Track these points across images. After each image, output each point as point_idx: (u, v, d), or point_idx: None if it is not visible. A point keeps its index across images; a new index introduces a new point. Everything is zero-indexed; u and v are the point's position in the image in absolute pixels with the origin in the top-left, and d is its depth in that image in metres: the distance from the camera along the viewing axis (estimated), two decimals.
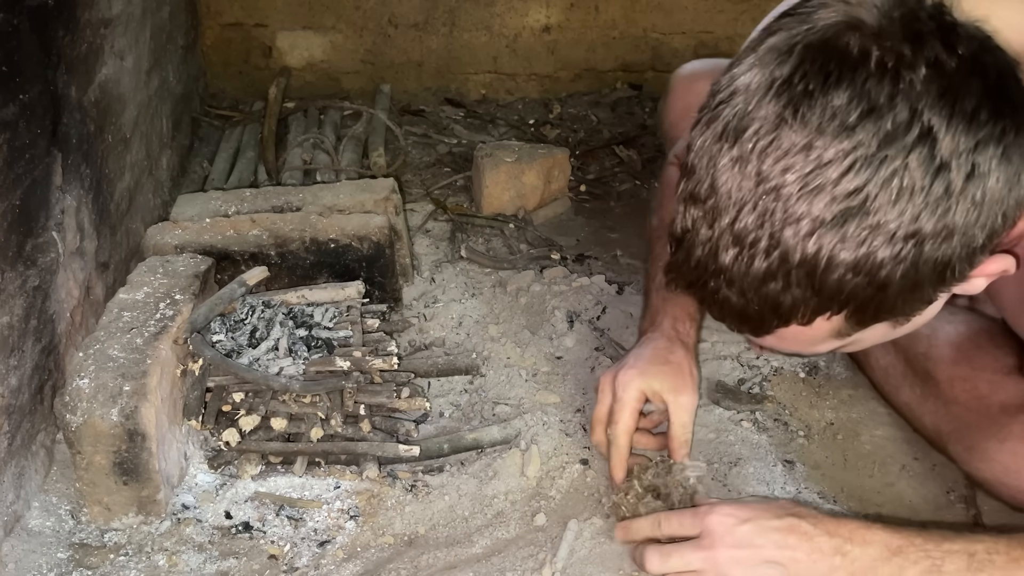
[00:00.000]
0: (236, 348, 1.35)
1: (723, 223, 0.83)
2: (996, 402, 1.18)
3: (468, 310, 1.66)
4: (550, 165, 2.04)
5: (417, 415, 1.39)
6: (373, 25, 2.61)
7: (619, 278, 1.75)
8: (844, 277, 0.81)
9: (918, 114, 0.78)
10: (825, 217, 0.79)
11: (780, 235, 0.81)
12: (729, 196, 0.83)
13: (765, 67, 0.83)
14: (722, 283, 0.86)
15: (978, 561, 0.95)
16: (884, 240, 0.80)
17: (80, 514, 1.21)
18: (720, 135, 0.84)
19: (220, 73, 2.62)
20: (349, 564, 1.15)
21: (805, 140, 0.79)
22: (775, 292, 0.84)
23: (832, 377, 1.47)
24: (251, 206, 1.65)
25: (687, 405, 1.21)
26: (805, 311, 0.85)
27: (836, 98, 0.79)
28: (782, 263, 0.82)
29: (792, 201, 0.80)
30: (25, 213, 1.20)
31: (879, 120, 0.78)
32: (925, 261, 0.81)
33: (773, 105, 0.81)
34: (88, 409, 1.14)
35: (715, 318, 0.93)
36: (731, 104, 0.84)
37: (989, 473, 1.16)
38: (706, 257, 0.86)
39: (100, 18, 1.53)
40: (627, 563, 1.11)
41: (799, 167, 0.79)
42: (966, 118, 0.79)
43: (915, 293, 0.85)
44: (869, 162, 0.78)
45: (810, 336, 0.90)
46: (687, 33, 2.64)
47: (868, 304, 0.84)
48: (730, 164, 0.83)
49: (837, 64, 0.80)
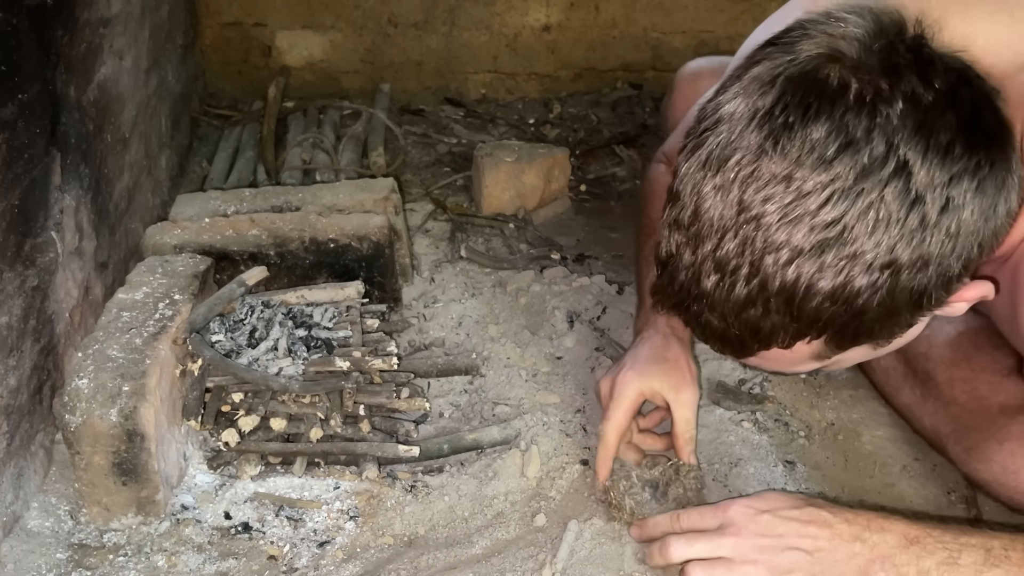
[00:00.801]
0: (235, 348, 1.35)
1: (705, 249, 0.86)
2: (995, 403, 1.18)
3: (468, 310, 1.66)
4: (550, 165, 2.04)
5: (417, 415, 1.39)
6: (373, 24, 2.60)
7: (619, 278, 1.75)
8: (822, 305, 0.84)
9: (894, 148, 0.80)
10: (804, 246, 0.82)
11: (760, 263, 0.83)
12: (711, 223, 0.85)
13: (748, 96, 0.85)
14: (704, 307, 0.89)
15: (995, 556, 0.95)
16: (861, 269, 0.82)
17: (79, 514, 1.21)
18: (704, 163, 0.86)
19: (219, 72, 2.62)
20: (349, 565, 1.14)
21: (785, 171, 0.81)
22: (755, 318, 0.86)
23: (833, 378, 1.47)
24: (250, 206, 1.65)
25: (688, 401, 1.21)
26: (784, 336, 0.88)
27: (815, 131, 0.81)
28: (762, 290, 0.84)
29: (772, 230, 0.82)
30: (24, 213, 1.20)
31: (856, 154, 0.80)
32: (901, 289, 0.84)
33: (755, 135, 0.83)
34: (87, 409, 1.14)
35: (698, 339, 0.96)
36: (716, 132, 0.86)
37: (988, 474, 1.16)
38: (689, 282, 0.88)
39: (99, 17, 1.52)
40: (627, 563, 1.11)
41: (779, 197, 0.82)
42: (941, 152, 0.81)
43: (892, 319, 0.87)
44: (846, 195, 0.80)
45: (791, 358, 0.93)
46: (687, 32, 2.64)
47: (846, 330, 0.87)
48: (713, 192, 0.85)
49: (817, 97, 0.82)
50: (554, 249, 1.88)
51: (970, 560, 0.96)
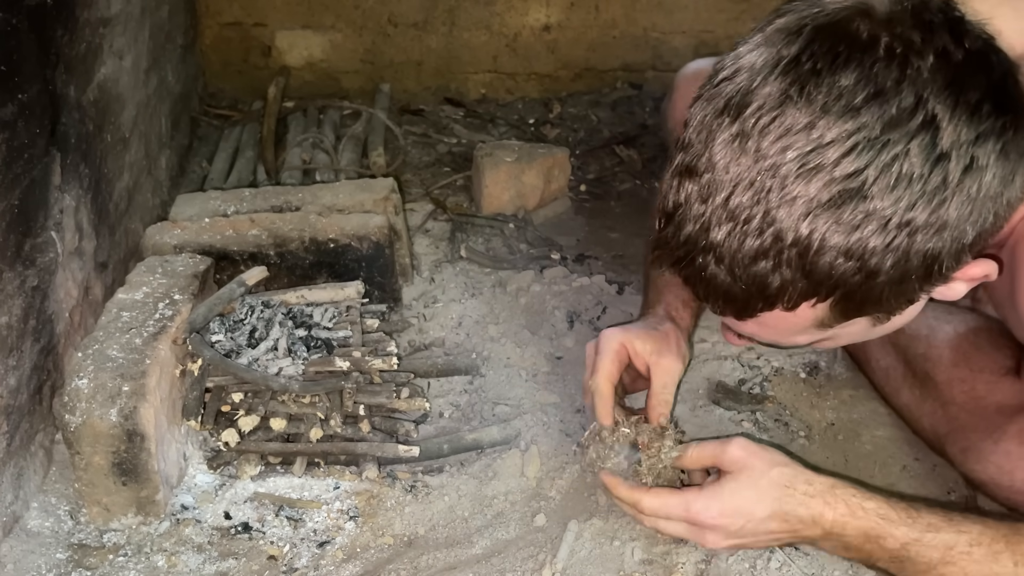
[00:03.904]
0: (235, 348, 1.34)
1: (718, 199, 0.83)
2: (992, 403, 1.18)
3: (468, 310, 1.66)
4: (550, 165, 2.04)
5: (417, 415, 1.39)
6: (373, 24, 2.60)
7: (619, 278, 1.75)
8: (835, 261, 0.82)
9: (923, 101, 0.78)
10: (821, 198, 0.80)
11: (775, 214, 0.81)
12: (726, 171, 0.83)
13: (772, 46, 0.83)
14: (711, 260, 0.86)
15: (955, 553, 0.95)
16: (878, 227, 0.80)
17: (79, 515, 1.21)
18: (721, 110, 0.84)
19: (219, 72, 2.62)
20: (348, 565, 1.14)
21: (808, 119, 0.79)
22: (764, 272, 0.84)
23: (833, 378, 1.47)
24: (250, 206, 1.65)
25: (669, 368, 1.20)
26: (792, 294, 0.85)
27: (843, 79, 0.79)
28: (775, 242, 0.82)
29: (789, 180, 0.80)
30: (24, 213, 1.19)
31: (884, 104, 0.78)
32: (916, 252, 0.82)
33: (779, 83, 0.81)
34: (87, 409, 1.14)
35: (698, 298, 0.93)
36: (734, 81, 0.84)
37: (984, 474, 1.16)
38: (697, 232, 0.85)
39: (99, 17, 1.52)
40: (627, 563, 1.11)
41: (799, 146, 0.79)
42: (969, 110, 0.80)
43: (902, 285, 0.85)
44: (871, 145, 0.78)
45: (792, 323, 0.90)
46: (687, 32, 2.64)
47: (855, 292, 0.84)
48: (729, 140, 0.83)
49: (846, 46, 0.80)
50: (554, 249, 1.88)
51: (925, 558, 0.96)
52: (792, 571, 1.08)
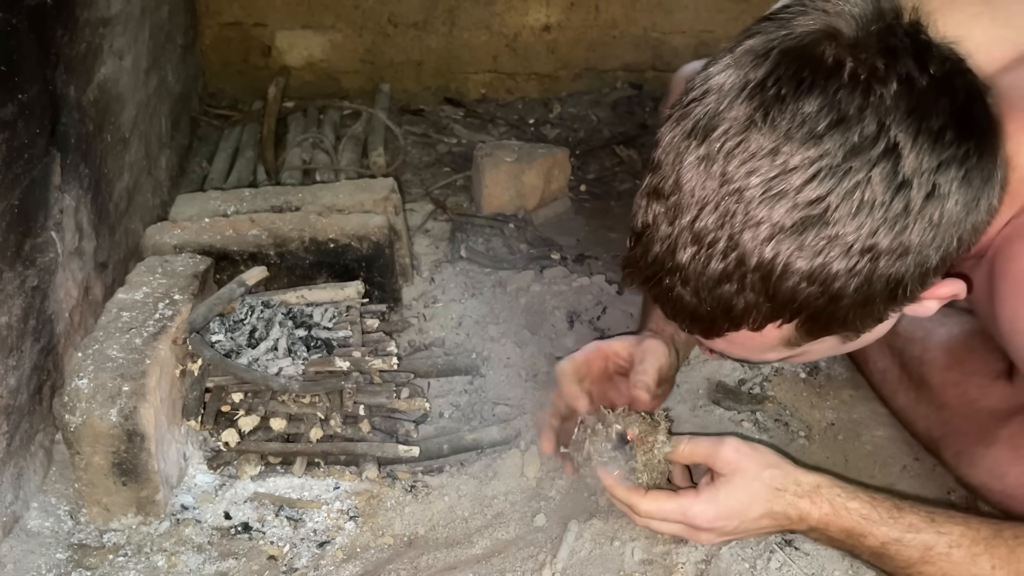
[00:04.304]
0: (235, 348, 1.34)
1: (683, 221, 0.84)
2: (985, 407, 1.18)
3: (468, 310, 1.66)
4: (550, 165, 2.04)
5: (417, 415, 1.39)
6: (373, 24, 2.60)
7: (619, 278, 1.75)
8: (798, 285, 0.83)
9: (885, 128, 0.79)
10: (785, 223, 0.81)
11: (739, 237, 0.82)
12: (692, 194, 0.84)
13: (740, 68, 0.84)
14: (677, 281, 0.87)
15: (934, 554, 0.97)
16: (841, 252, 0.81)
17: (79, 515, 1.21)
18: (689, 133, 0.84)
19: (219, 72, 2.62)
20: (348, 565, 1.14)
21: (772, 144, 0.80)
22: (729, 294, 0.85)
23: (833, 378, 1.47)
24: (250, 206, 1.65)
25: (649, 347, 1.20)
26: (757, 316, 0.86)
27: (807, 105, 0.80)
28: (738, 266, 0.83)
29: (754, 204, 0.81)
30: (24, 213, 1.19)
31: (847, 131, 0.79)
32: (879, 276, 0.83)
33: (744, 107, 0.82)
34: (87, 409, 1.14)
35: (667, 316, 0.94)
36: (703, 103, 0.84)
37: (976, 479, 1.16)
38: (664, 254, 0.86)
39: (99, 17, 1.52)
40: (627, 563, 1.11)
41: (764, 171, 0.80)
42: (931, 137, 0.80)
43: (866, 308, 0.86)
44: (833, 172, 0.79)
45: (759, 343, 0.91)
46: (687, 32, 2.64)
47: (820, 315, 0.86)
48: (696, 162, 0.83)
49: (811, 71, 0.81)
50: (554, 249, 1.88)
51: (905, 557, 0.98)
52: (792, 571, 1.08)
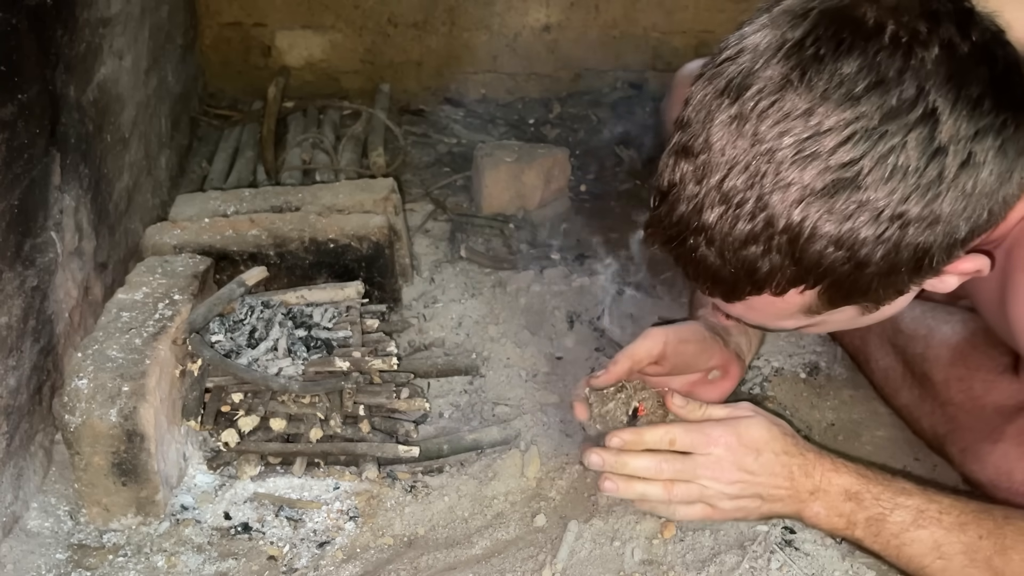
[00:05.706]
0: (235, 348, 1.34)
1: (712, 180, 0.83)
2: (990, 403, 1.18)
3: (468, 310, 1.66)
4: (550, 165, 2.04)
5: (417, 416, 1.39)
6: (372, 24, 2.60)
7: (619, 278, 1.75)
8: (825, 250, 0.82)
9: (924, 93, 0.78)
10: (815, 186, 0.79)
11: (768, 199, 0.81)
12: (722, 153, 0.82)
13: (777, 28, 0.82)
14: (702, 242, 0.86)
15: (925, 519, 0.98)
16: (870, 218, 0.80)
17: (79, 515, 1.21)
18: (721, 91, 0.83)
19: (219, 72, 2.62)
20: (348, 565, 1.14)
21: (807, 105, 0.79)
22: (754, 256, 0.84)
23: (833, 378, 1.47)
24: (250, 206, 1.65)
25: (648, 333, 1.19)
26: (781, 280, 0.85)
27: (845, 66, 0.79)
28: (766, 228, 0.82)
29: (785, 166, 0.80)
30: (23, 213, 1.19)
31: (885, 94, 0.78)
32: (906, 245, 0.82)
33: (780, 66, 0.80)
34: (87, 410, 1.14)
35: (688, 278, 0.93)
36: (737, 62, 0.83)
37: (982, 475, 1.16)
38: (690, 213, 0.85)
39: (99, 17, 1.52)
40: (627, 563, 1.11)
41: (796, 132, 0.79)
42: (970, 104, 0.79)
43: (891, 277, 0.85)
44: (868, 135, 0.78)
45: (779, 308, 0.90)
46: (687, 32, 2.64)
47: (844, 281, 0.85)
48: (727, 121, 0.82)
49: (851, 32, 0.79)
50: (554, 249, 1.88)
51: (898, 519, 0.99)
52: (792, 571, 1.08)
